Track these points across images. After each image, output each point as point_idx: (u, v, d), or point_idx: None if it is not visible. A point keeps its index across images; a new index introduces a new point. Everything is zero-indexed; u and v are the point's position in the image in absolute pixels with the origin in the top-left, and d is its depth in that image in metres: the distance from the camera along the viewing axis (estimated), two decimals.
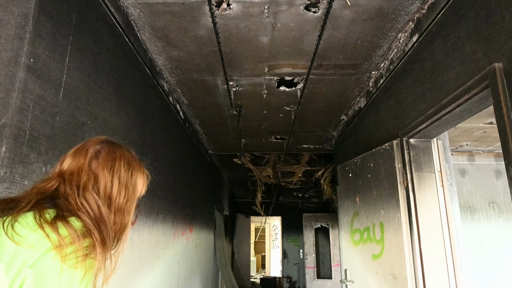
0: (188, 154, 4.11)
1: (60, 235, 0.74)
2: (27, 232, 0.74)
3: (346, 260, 3.01)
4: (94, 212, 0.84)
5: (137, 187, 0.97)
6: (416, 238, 2.27)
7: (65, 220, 0.78)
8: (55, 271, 0.72)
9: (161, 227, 2.94)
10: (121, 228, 0.91)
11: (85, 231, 0.79)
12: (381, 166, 2.61)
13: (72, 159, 0.89)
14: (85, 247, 0.76)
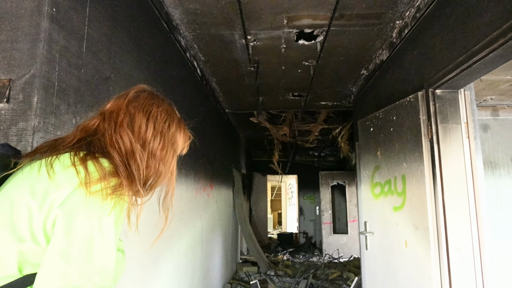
0: (206, 112, 4.11)
1: (88, 172, 0.76)
2: (59, 170, 0.77)
3: (366, 213, 3.06)
4: (126, 148, 0.84)
5: (176, 141, 0.97)
6: (439, 189, 2.27)
7: (95, 158, 0.79)
8: (82, 207, 0.73)
9: (184, 182, 3.02)
10: (156, 175, 0.91)
11: (113, 171, 0.80)
12: (404, 119, 2.56)
13: (114, 100, 0.92)
14: (112, 186, 0.77)
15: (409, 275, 2.39)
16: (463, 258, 2.15)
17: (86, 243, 0.71)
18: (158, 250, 2.40)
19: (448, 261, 2.15)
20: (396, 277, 2.54)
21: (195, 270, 3.43)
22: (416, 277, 2.31)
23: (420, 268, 2.27)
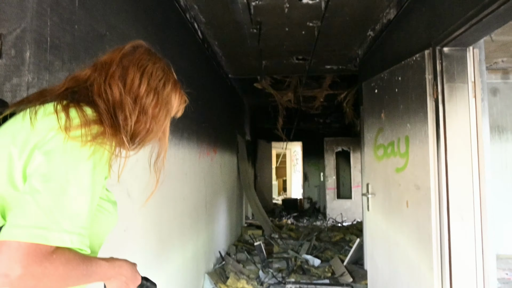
0: (208, 76, 4.05)
1: (69, 117, 0.74)
2: (41, 117, 0.75)
3: (369, 175, 3.06)
4: (114, 98, 0.83)
5: (170, 102, 0.95)
6: (443, 150, 2.25)
7: (79, 106, 0.78)
8: (59, 151, 0.71)
9: (186, 145, 3.03)
10: (146, 131, 0.89)
11: (96, 119, 0.77)
12: (410, 79, 2.49)
13: (109, 53, 0.89)
14: (93, 133, 0.75)
15: (410, 234, 2.42)
16: (463, 217, 2.17)
17: (59, 187, 0.70)
18: (162, 211, 2.45)
19: (448, 220, 2.17)
20: (397, 236, 2.58)
21: (200, 230, 3.52)
22: (417, 237, 2.34)
23: (420, 227, 2.29)
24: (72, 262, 0.71)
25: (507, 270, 4.60)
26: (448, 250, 2.17)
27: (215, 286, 3.57)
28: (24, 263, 0.64)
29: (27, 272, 0.64)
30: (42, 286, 0.67)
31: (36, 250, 0.65)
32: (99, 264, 0.80)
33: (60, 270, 0.68)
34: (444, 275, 2.18)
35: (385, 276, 2.80)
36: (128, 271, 0.90)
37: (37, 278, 0.65)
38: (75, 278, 0.73)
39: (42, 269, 0.65)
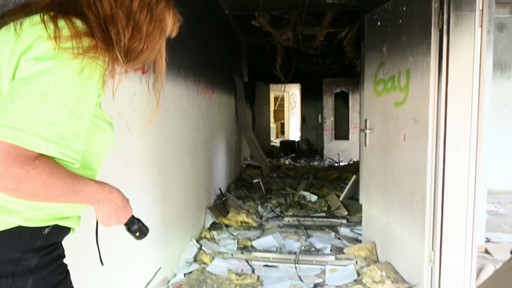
0: (203, 10, 3.87)
1: (57, 27, 0.71)
2: (27, 27, 0.72)
3: (367, 111, 3.06)
4: (105, 12, 0.79)
5: (164, 19, 0.91)
6: (444, 82, 2.22)
7: (68, 17, 0.74)
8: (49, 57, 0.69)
9: (184, 82, 2.98)
10: (140, 49, 0.87)
11: (87, 31, 0.74)
12: (415, 9, 2.38)
13: None
14: (85, 46, 0.72)
15: (405, 166, 2.48)
16: (459, 148, 2.20)
17: (39, 91, 0.68)
18: (163, 147, 2.48)
19: (444, 152, 2.21)
20: (392, 169, 2.65)
21: (200, 168, 3.60)
22: (412, 168, 2.40)
23: (416, 159, 2.34)
24: (56, 173, 0.70)
25: (496, 203, 4.80)
26: (442, 181, 2.24)
27: (216, 219, 3.73)
28: (4, 162, 0.63)
29: (6, 171, 0.63)
30: (24, 190, 0.67)
31: (16, 151, 0.64)
32: (87, 184, 0.79)
33: (43, 177, 0.67)
34: (437, 205, 2.27)
35: (379, 207, 2.92)
36: (118, 198, 0.89)
37: (18, 181, 0.65)
38: (61, 191, 0.72)
39: (23, 172, 0.65)
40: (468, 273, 2.30)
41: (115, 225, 0.91)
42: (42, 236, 0.78)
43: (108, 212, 0.88)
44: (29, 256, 0.75)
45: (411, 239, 2.46)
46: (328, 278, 2.66)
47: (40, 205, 0.76)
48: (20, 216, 0.73)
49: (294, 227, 3.82)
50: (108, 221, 0.90)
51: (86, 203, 0.84)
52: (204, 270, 2.69)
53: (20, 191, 0.67)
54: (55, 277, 0.82)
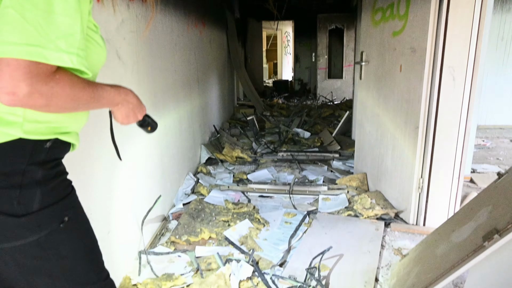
0: None
1: None
2: None
3: (364, 43, 2.99)
4: None
5: None
6: (445, 9, 2.14)
7: None
8: None
9: (173, 13, 2.83)
10: None
11: None
12: None
13: None
14: None
15: (400, 97, 2.48)
16: (455, 77, 2.20)
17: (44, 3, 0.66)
18: (155, 80, 2.42)
19: (440, 81, 2.20)
20: (387, 101, 2.66)
21: (194, 104, 3.57)
22: (406, 99, 2.41)
23: (411, 89, 2.34)
24: (78, 84, 0.73)
25: (483, 138, 4.93)
26: (435, 110, 2.26)
27: (212, 155, 3.79)
28: (29, 81, 0.64)
29: (33, 90, 0.65)
30: (53, 105, 0.70)
31: (37, 68, 0.65)
32: (106, 89, 0.83)
33: (67, 90, 0.71)
34: (429, 134, 2.32)
35: (372, 140, 2.98)
36: (134, 99, 0.94)
37: (46, 97, 0.68)
38: (85, 100, 0.76)
39: (48, 88, 0.67)
40: (454, 199, 2.42)
41: (133, 122, 0.98)
42: (44, 150, 0.80)
43: (126, 112, 0.93)
44: (34, 168, 0.78)
45: (401, 168, 2.55)
46: (320, 206, 2.79)
47: (39, 118, 0.77)
48: (19, 128, 0.75)
49: (288, 161, 3.92)
50: (128, 120, 0.95)
51: (107, 107, 0.89)
52: (202, 200, 2.80)
53: (50, 106, 0.70)
54: (61, 190, 0.85)
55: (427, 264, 1.68)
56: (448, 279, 1.45)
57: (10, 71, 0.63)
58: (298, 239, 2.32)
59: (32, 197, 0.77)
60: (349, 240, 2.27)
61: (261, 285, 1.85)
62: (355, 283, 1.85)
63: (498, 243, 1.35)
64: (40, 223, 0.78)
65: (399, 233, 2.40)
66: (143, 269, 1.94)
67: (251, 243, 2.22)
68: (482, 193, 1.74)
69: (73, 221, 0.86)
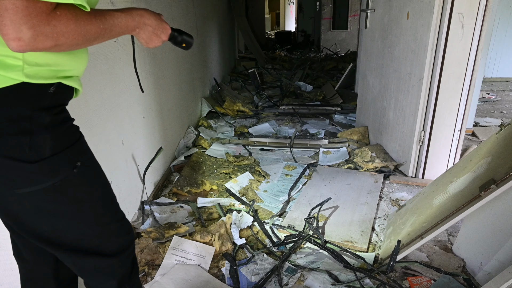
0: None
1: None
2: None
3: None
4: None
5: None
6: None
7: None
8: None
9: None
10: None
11: None
12: None
13: None
14: None
15: (405, 47, 2.40)
16: (463, 25, 2.10)
17: None
18: None
19: (448, 29, 2.11)
20: (392, 51, 2.57)
21: (193, 55, 3.47)
22: (412, 48, 2.32)
23: (418, 38, 2.25)
24: (82, 18, 0.69)
25: (489, 91, 4.85)
26: (441, 61, 2.19)
27: (213, 108, 3.76)
28: (30, 23, 0.62)
29: (37, 32, 0.63)
30: (62, 43, 0.67)
31: (36, 8, 0.62)
32: (115, 16, 0.77)
33: (72, 26, 0.67)
34: (433, 86, 2.26)
35: (374, 93, 2.93)
36: (151, 20, 0.87)
37: (53, 37, 0.65)
38: (95, 33, 0.73)
39: (51, 27, 0.64)
40: (454, 152, 2.42)
41: (159, 44, 0.93)
42: (48, 95, 0.78)
43: (148, 36, 0.88)
44: (40, 114, 0.77)
45: (403, 121, 2.53)
46: (321, 159, 2.81)
47: (39, 61, 0.74)
48: (20, 72, 0.72)
49: (289, 115, 3.89)
50: (153, 44, 0.91)
51: (124, 34, 0.83)
52: (203, 153, 2.82)
53: (60, 46, 0.67)
54: (71, 135, 0.85)
55: (423, 214, 1.71)
56: (442, 228, 1.49)
57: (10, 15, 0.60)
58: (298, 191, 2.36)
59: (43, 143, 0.77)
60: (348, 191, 2.31)
61: (260, 233, 1.91)
62: (352, 232, 1.91)
63: (494, 193, 1.36)
64: (54, 168, 0.80)
65: (397, 185, 2.43)
66: (146, 219, 2.00)
67: (252, 194, 2.27)
68: (482, 145, 1.73)
69: (85, 165, 0.86)
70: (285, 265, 1.67)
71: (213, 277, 1.63)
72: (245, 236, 1.89)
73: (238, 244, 1.79)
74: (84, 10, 0.70)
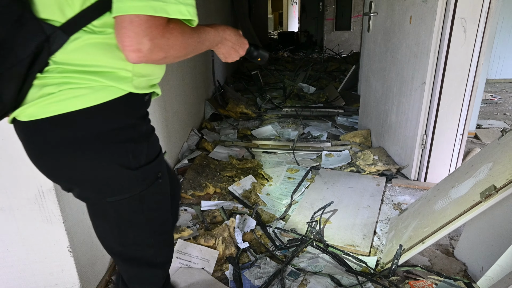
0: None
1: None
2: None
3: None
4: None
5: None
6: None
7: None
8: None
9: None
10: None
11: None
12: None
13: None
14: None
15: (408, 51, 2.41)
16: (466, 29, 2.11)
17: None
18: None
19: (450, 33, 2.12)
20: (394, 55, 2.58)
21: (196, 60, 3.50)
22: (415, 53, 2.34)
23: (420, 42, 2.26)
24: (186, 31, 0.73)
25: (492, 93, 4.84)
26: (443, 65, 2.20)
27: (216, 110, 3.78)
28: (150, 36, 0.65)
29: (154, 44, 0.66)
30: (170, 56, 0.71)
31: (156, 23, 0.65)
32: (207, 31, 0.82)
33: (179, 39, 0.71)
34: (435, 90, 2.27)
35: (377, 96, 2.94)
36: (232, 35, 0.93)
37: (164, 50, 0.69)
38: (193, 46, 0.77)
39: (165, 40, 0.68)
40: (456, 155, 2.43)
41: (237, 59, 0.99)
42: (144, 103, 0.85)
43: (227, 51, 0.94)
44: (140, 122, 0.83)
45: (406, 124, 2.54)
46: (323, 162, 2.83)
47: (143, 72, 0.80)
48: (130, 83, 0.77)
49: (292, 117, 3.91)
50: (231, 58, 0.97)
51: (209, 48, 0.88)
52: (207, 156, 2.84)
53: (167, 58, 0.71)
54: (157, 144, 0.90)
55: (425, 219, 1.73)
56: (444, 233, 1.51)
57: (134, 28, 0.64)
58: (301, 194, 2.38)
59: (142, 150, 0.82)
60: (350, 195, 2.33)
61: (263, 237, 1.93)
62: (354, 236, 1.93)
63: (495, 199, 1.38)
64: (145, 176, 0.84)
65: (399, 189, 2.45)
66: None
67: (255, 197, 2.29)
68: (484, 150, 1.74)
69: (162, 176, 0.90)
70: (288, 268, 1.69)
71: (217, 280, 1.65)
72: (249, 239, 1.91)
73: (242, 248, 1.81)
74: (186, 24, 0.74)
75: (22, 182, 1.25)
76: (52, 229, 1.32)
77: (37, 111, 0.73)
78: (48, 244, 1.35)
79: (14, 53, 0.67)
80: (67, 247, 1.35)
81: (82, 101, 0.72)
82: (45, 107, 0.72)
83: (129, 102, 0.78)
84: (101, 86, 0.73)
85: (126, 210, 0.86)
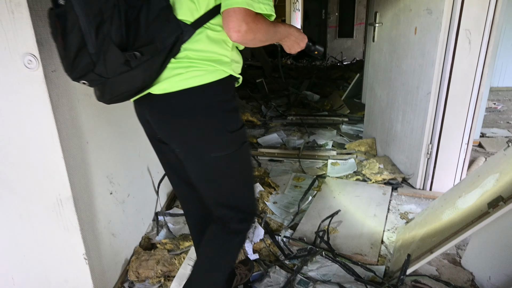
0: None
1: None
2: None
3: (378, 2, 2.89)
4: None
5: None
6: None
7: None
8: None
9: None
10: None
11: None
12: None
13: None
14: None
15: (413, 61, 2.44)
16: (470, 41, 2.15)
17: None
18: None
19: (455, 44, 2.15)
20: (399, 65, 2.62)
21: None
22: (420, 63, 2.37)
23: (426, 53, 2.30)
24: (267, 22, 0.99)
25: (495, 100, 4.87)
26: (448, 76, 2.23)
27: None
28: (246, 21, 0.92)
29: (249, 27, 0.92)
30: (257, 37, 0.97)
31: (249, 13, 0.92)
32: (280, 26, 1.08)
33: (264, 27, 0.97)
34: (440, 100, 2.31)
35: (382, 105, 2.97)
36: (295, 32, 1.17)
37: (254, 32, 0.94)
38: (271, 34, 1.03)
39: (255, 25, 0.94)
40: (461, 164, 2.45)
41: (298, 50, 1.23)
42: (234, 86, 1.12)
43: (291, 44, 1.18)
44: (233, 99, 1.10)
45: (411, 133, 2.57)
46: (329, 170, 2.85)
47: (235, 59, 1.09)
48: (229, 67, 1.05)
49: (297, 125, 3.94)
50: (294, 50, 1.22)
51: (279, 40, 1.13)
52: None
53: (255, 39, 0.96)
54: (241, 117, 1.16)
55: (432, 228, 1.75)
56: (452, 243, 1.53)
57: (236, 15, 0.91)
58: (308, 202, 2.40)
59: (238, 118, 1.11)
60: (357, 204, 2.35)
61: (272, 245, 1.96)
62: (362, 245, 1.95)
63: (502, 210, 1.40)
64: (238, 139, 1.11)
65: (405, 198, 2.47)
66: (160, 230, 2.06)
67: (262, 206, 2.31)
68: (490, 160, 1.77)
69: (248, 142, 1.18)
70: (297, 277, 1.72)
71: None
72: (258, 249, 1.93)
73: (252, 259, 1.83)
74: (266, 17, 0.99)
75: (41, 190, 1.28)
76: (69, 237, 1.35)
77: (169, 86, 1.00)
78: (64, 252, 1.38)
79: (161, 42, 0.94)
80: (83, 254, 1.38)
81: (201, 79, 1.00)
82: (176, 83, 1.00)
83: (227, 83, 1.06)
84: (213, 69, 1.02)
85: (224, 163, 1.11)
